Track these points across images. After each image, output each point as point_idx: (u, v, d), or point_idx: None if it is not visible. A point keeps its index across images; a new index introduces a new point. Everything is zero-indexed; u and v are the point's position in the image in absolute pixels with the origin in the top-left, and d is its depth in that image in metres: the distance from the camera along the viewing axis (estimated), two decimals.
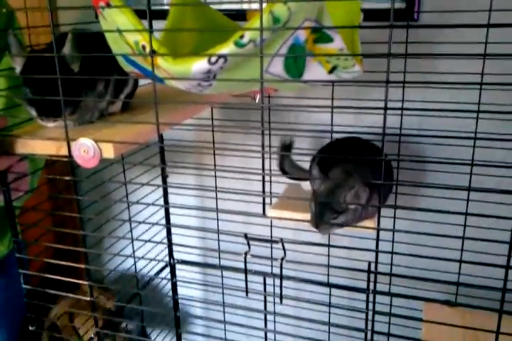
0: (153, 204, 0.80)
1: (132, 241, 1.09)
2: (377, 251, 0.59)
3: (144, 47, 0.66)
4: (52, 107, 0.73)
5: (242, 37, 0.60)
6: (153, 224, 0.97)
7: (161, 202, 1.15)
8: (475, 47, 0.95)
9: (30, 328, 0.83)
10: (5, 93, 0.90)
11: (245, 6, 1.22)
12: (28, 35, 1.03)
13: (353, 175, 0.83)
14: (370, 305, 0.67)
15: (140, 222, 0.85)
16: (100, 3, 0.68)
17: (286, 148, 0.97)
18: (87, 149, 0.69)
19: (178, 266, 1.27)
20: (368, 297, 0.65)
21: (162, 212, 1.18)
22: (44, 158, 0.90)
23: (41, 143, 0.72)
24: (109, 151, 0.68)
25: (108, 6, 0.68)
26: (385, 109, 0.56)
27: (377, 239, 0.59)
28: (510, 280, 0.58)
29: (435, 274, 1.11)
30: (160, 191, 1.15)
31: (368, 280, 0.63)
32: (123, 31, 0.67)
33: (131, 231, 1.10)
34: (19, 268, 0.82)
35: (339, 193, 0.81)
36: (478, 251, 0.98)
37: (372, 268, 0.62)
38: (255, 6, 1.18)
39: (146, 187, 1.10)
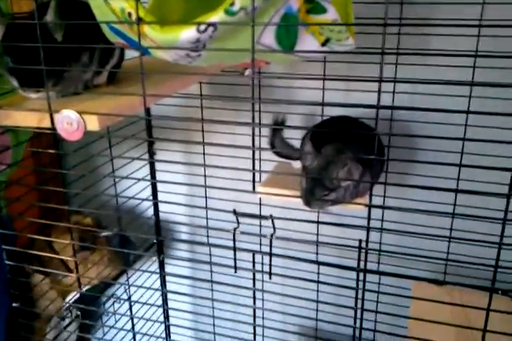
0: (142, 179, 0.78)
1: (119, 218, 1.08)
2: (368, 228, 0.58)
3: (130, 15, 0.64)
4: (35, 77, 0.71)
5: (232, 4, 0.58)
6: (142, 200, 0.95)
7: (149, 178, 1.13)
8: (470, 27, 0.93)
9: (14, 305, 0.82)
10: None
11: None
12: (10, 2, 0.99)
13: (345, 152, 0.82)
14: (360, 284, 0.66)
15: (129, 198, 0.83)
16: None
17: (278, 125, 0.96)
18: (71, 121, 0.66)
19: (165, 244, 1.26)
20: (358, 275, 0.64)
21: (149, 190, 1.16)
22: (28, 130, 0.87)
23: (23, 114, 0.70)
24: (93, 123, 0.66)
25: None
26: (380, 81, 0.54)
27: (369, 216, 0.58)
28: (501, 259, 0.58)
29: (424, 253, 1.11)
30: (147, 168, 1.13)
31: (359, 258, 0.62)
32: None
33: (117, 207, 1.08)
34: (2, 244, 0.80)
35: (331, 170, 0.80)
36: (468, 230, 0.98)
37: (363, 246, 0.61)
38: None
39: (134, 163, 1.09)
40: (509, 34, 0.93)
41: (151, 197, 1.13)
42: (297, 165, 0.98)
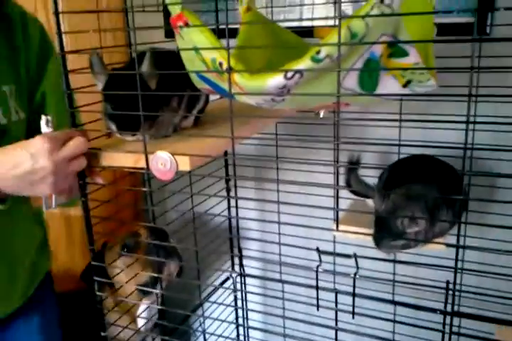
0: (220, 215, 0.81)
1: (197, 253, 1.11)
2: (455, 269, 0.57)
3: (221, 64, 0.69)
4: (131, 122, 0.77)
5: (318, 52, 0.61)
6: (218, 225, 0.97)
7: (224, 214, 1.16)
8: None
9: (103, 334, 0.86)
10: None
11: (310, 23, 1.23)
12: (102, 54, 1.09)
13: (414, 199, 0.81)
14: (447, 327, 0.65)
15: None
16: (179, 22, 0.71)
17: (354, 163, 0.97)
18: (165, 162, 0.71)
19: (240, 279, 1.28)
20: (445, 317, 0.63)
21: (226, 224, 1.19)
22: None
23: (121, 155, 0.75)
24: (185, 164, 0.70)
25: (187, 25, 0.71)
26: (468, 122, 0.55)
27: (457, 257, 0.57)
28: None
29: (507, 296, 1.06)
30: (224, 204, 1.17)
31: (446, 299, 0.61)
32: (200, 49, 0.70)
33: (195, 241, 1.12)
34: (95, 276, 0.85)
35: (396, 216, 0.79)
36: None
37: (451, 287, 0.60)
38: (320, 23, 1.19)
39: (210, 200, 1.13)
40: None
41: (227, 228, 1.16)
42: (371, 203, 0.98)
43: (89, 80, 0.81)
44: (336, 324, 0.77)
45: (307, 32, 1.17)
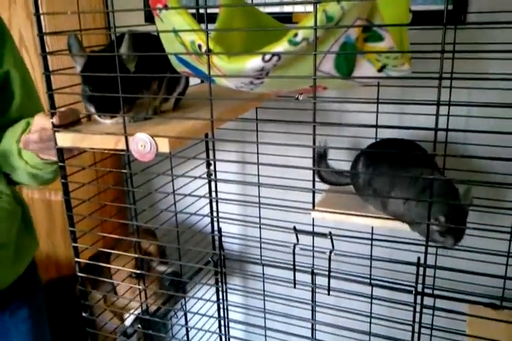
0: (205, 196, 0.82)
1: (178, 232, 1.13)
2: (426, 246, 0.60)
3: (199, 47, 0.69)
4: (110, 104, 0.77)
5: (295, 35, 0.62)
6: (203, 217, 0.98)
7: (203, 191, 1.17)
8: None
9: (84, 314, 0.87)
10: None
11: (290, 9, 1.24)
12: (80, 36, 1.08)
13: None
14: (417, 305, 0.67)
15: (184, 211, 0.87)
16: (158, 5, 0.72)
17: (322, 156, 0.99)
18: (144, 144, 0.72)
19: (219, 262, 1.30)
20: (416, 292, 0.65)
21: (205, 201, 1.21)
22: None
23: (101, 137, 0.76)
24: (164, 146, 0.71)
25: (166, 7, 0.71)
26: (438, 104, 0.57)
27: (428, 233, 0.59)
28: None
29: (480, 278, 1.09)
30: (206, 188, 1.19)
31: (417, 274, 0.63)
32: (179, 31, 0.71)
33: (176, 222, 1.13)
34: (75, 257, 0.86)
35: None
36: None
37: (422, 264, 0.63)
38: (300, 8, 1.20)
39: (192, 183, 1.15)
40: None
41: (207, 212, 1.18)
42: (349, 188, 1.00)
43: (68, 63, 0.82)
44: (313, 301, 0.79)
45: (287, 18, 1.18)
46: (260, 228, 1.25)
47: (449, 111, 0.95)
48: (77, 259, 0.86)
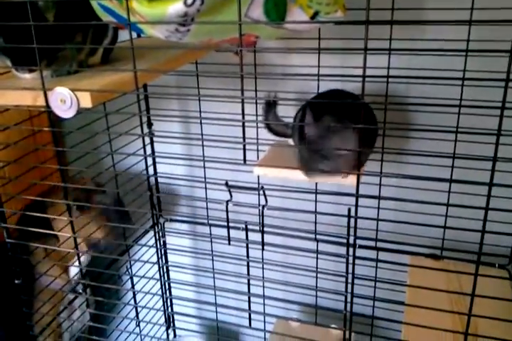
0: (146, 155, 0.79)
1: (118, 194, 1.09)
2: (357, 196, 0.59)
3: None
4: (28, 57, 0.72)
5: None
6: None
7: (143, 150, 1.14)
8: (462, 14, 0.93)
9: (16, 281, 0.84)
10: None
11: None
12: None
13: (343, 121, 0.81)
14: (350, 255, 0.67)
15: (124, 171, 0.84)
16: None
17: (271, 104, 0.96)
18: (65, 98, 0.67)
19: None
20: (348, 242, 0.65)
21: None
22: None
23: (17, 93, 0.71)
24: (86, 100, 0.67)
25: None
26: (365, 49, 0.54)
27: (358, 182, 0.59)
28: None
29: (420, 229, 1.12)
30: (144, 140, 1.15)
31: (349, 226, 0.63)
32: None
33: (116, 181, 1.09)
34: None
35: (329, 139, 0.79)
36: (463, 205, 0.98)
37: (353, 214, 0.62)
38: None
39: (131, 142, 1.11)
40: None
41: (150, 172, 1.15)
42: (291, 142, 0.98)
43: None
44: (248, 257, 0.79)
45: None
46: (206, 188, 1.23)
47: (389, 62, 0.93)
48: (3, 225, 0.82)
